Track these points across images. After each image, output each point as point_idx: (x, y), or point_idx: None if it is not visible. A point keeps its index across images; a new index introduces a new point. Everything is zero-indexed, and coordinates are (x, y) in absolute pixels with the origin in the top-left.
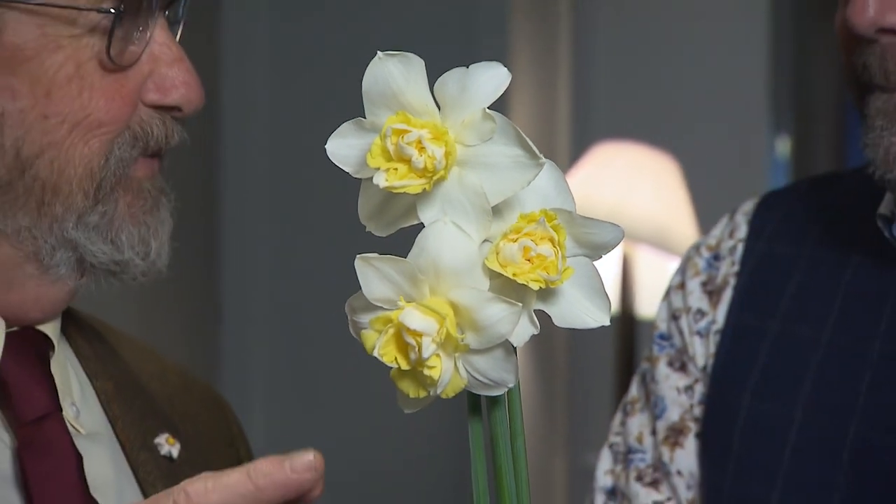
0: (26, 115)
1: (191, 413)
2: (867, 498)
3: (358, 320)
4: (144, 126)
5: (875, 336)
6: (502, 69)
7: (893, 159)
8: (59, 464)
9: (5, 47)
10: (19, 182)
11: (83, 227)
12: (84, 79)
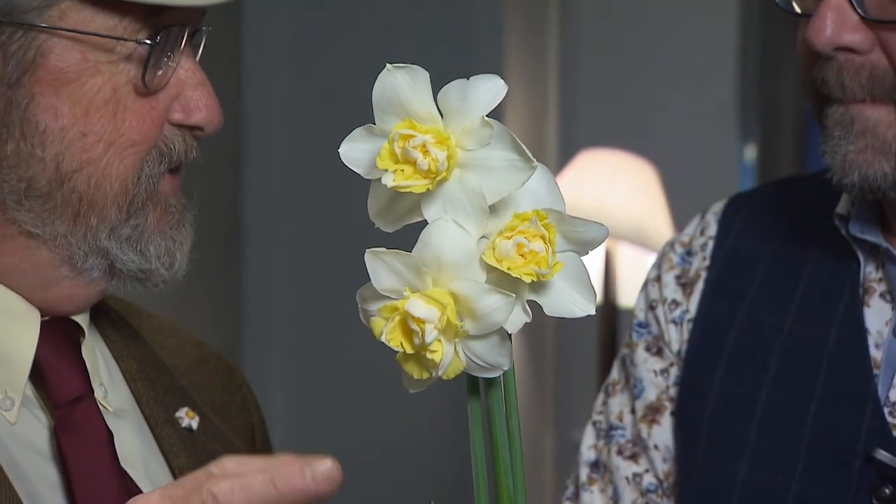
0: (67, 132)
1: (206, 383)
2: (825, 469)
3: (367, 308)
4: (168, 143)
5: (832, 324)
6: (499, 81)
7: (849, 165)
8: (92, 441)
9: (50, 70)
10: (58, 193)
11: (115, 238)
12: (119, 101)
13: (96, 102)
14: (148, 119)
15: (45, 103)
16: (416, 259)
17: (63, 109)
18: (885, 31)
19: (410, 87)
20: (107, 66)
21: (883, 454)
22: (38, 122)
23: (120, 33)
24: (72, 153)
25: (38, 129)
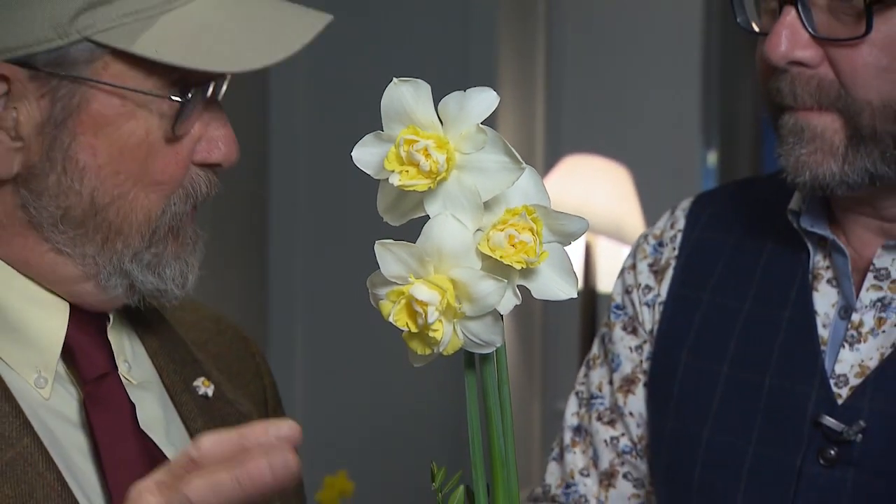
0: (102, 169)
1: (223, 353)
2: (778, 433)
3: (377, 293)
4: (194, 185)
5: (785, 307)
6: (492, 93)
7: (801, 166)
8: (116, 412)
9: (91, 115)
10: (91, 221)
11: (137, 262)
12: (150, 145)
13: (129, 144)
14: (173, 163)
15: (85, 143)
16: (420, 249)
17: (100, 149)
18: (832, 48)
19: (414, 98)
20: (142, 114)
21: (829, 420)
22: (78, 160)
23: (153, 88)
24: (105, 188)
25: (78, 165)
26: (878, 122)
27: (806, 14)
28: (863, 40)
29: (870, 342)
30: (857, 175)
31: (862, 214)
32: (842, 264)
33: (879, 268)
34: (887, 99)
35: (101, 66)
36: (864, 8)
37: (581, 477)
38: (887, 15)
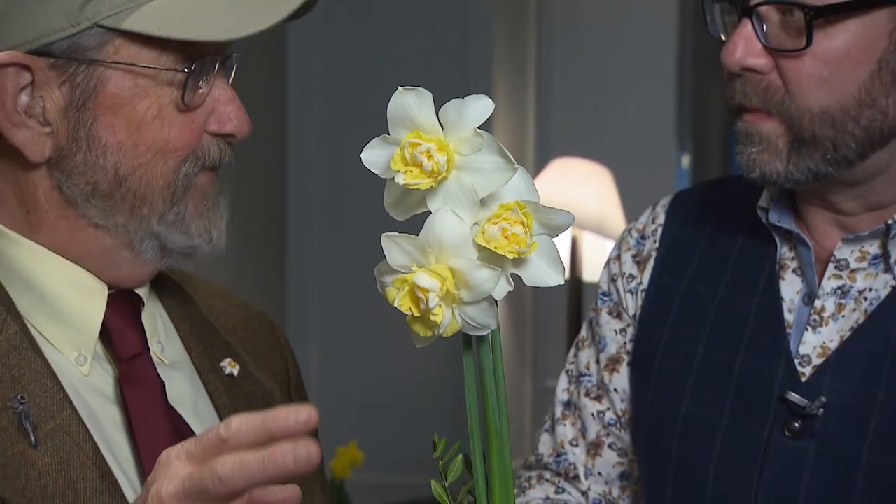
0: (123, 144)
1: (249, 338)
2: (749, 406)
3: (383, 280)
4: (204, 150)
5: (755, 293)
6: (488, 100)
7: (752, 164)
8: (148, 389)
9: (108, 96)
10: (117, 192)
11: (163, 223)
12: (164, 118)
13: (146, 119)
14: (188, 130)
15: (106, 122)
16: (422, 241)
17: (119, 126)
18: (781, 58)
19: (417, 105)
20: (153, 89)
21: (793, 396)
22: (101, 138)
23: (162, 64)
24: (127, 161)
25: (101, 142)
26: (818, 127)
27: (760, 27)
28: (807, 52)
29: (831, 326)
30: (800, 173)
31: (821, 209)
32: (806, 256)
33: (839, 259)
34: (826, 107)
35: (112, 49)
36: (805, 24)
37: (570, 447)
38: (828, 31)
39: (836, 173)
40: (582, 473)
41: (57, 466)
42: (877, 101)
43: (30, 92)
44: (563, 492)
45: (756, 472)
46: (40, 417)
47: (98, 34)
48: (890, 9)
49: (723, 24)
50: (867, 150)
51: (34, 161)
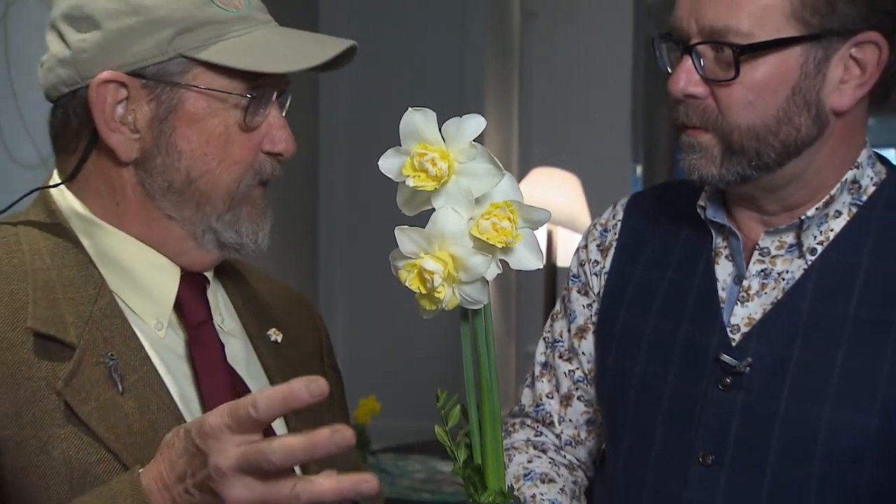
0: (194, 152)
1: (290, 313)
2: (690, 366)
3: (396, 265)
4: (261, 166)
5: (695, 276)
6: (481, 119)
7: (692, 169)
8: (211, 350)
9: (185, 112)
10: (187, 190)
11: (221, 221)
12: (229, 134)
13: (214, 134)
14: (247, 147)
15: (182, 133)
16: (428, 233)
17: (193, 138)
18: (715, 87)
19: (423, 122)
20: (222, 110)
21: (725, 357)
22: (177, 145)
23: (231, 90)
24: (197, 166)
25: (177, 149)
26: (745, 140)
27: (698, 62)
28: (736, 82)
29: (755, 301)
30: (731, 176)
31: (748, 209)
32: (735, 245)
33: (762, 247)
34: (751, 124)
35: (192, 75)
36: (733, 59)
37: (547, 399)
38: (752, 64)
39: (759, 177)
40: (556, 420)
41: (140, 410)
42: (792, 119)
43: (125, 105)
44: (541, 435)
45: (696, 419)
46: (126, 371)
47: (181, 62)
48: (801, 46)
49: (669, 60)
50: (784, 159)
51: (124, 160)
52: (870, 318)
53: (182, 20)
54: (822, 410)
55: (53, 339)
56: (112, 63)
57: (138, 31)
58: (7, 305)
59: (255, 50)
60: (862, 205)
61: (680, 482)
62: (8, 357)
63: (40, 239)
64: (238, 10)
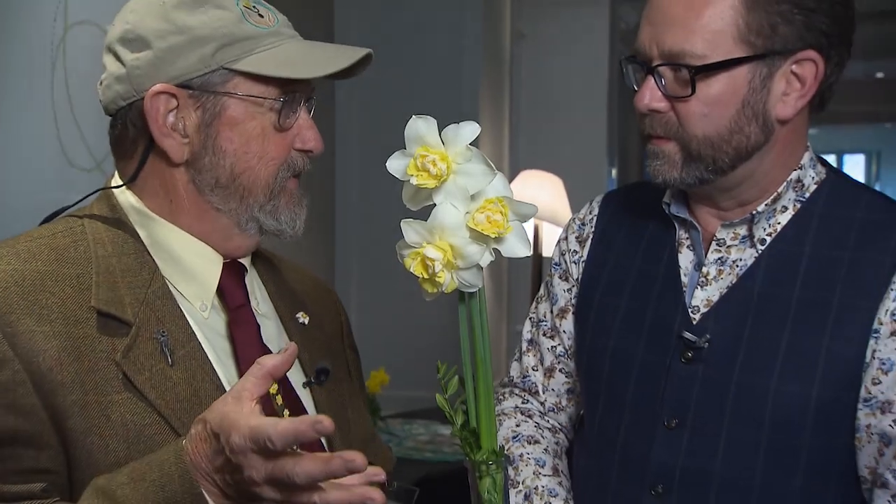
0: (237, 152)
1: (315, 299)
2: (656, 342)
3: (402, 253)
4: (293, 161)
5: (661, 264)
6: (476, 125)
7: (657, 173)
8: (248, 329)
9: (227, 117)
10: (232, 185)
11: (262, 211)
12: (266, 135)
13: (253, 135)
14: (281, 145)
15: (225, 136)
16: (430, 225)
17: (234, 139)
18: (675, 102)
19: (426, 128)
20: (259, 114)
21: (687, 334)
22: (222, 146)
23: (266, 95)
24: (239, 164)
25: (222, 150)
26: (702, 148)
27: (659, 81)
28: (692, 97)
29: (713, 285)
30: (691, 179)
31: (706, 205)
32: (696, 236)
33: (719, 238)
34: (707, 134)
35: (232, 85)
36: (689, 78)
37: (533, 371)
38: (707, 82)
39: (715, 179)
40: (540, 389)
41: (186, 380)
42: (742, 128)
43: (175, 113)
44: (528, 402)
45: (661, 388)
46: (175, 346)
47: (222, 74)
48: (748, 65)
49: (634, 79)
50: (737, 162)
51: (176, 161)
52: (811, 300)
53: (222, 37)
54: (770, 381)
55: (113, 318)
56: (163, 77)
57: (184, 48)
58: (74, 287)
59: (285, 60)
60: (805, 201)
61: (647, 443)
62: (74, 332)
63: (103, 230)
64: (268, 26)
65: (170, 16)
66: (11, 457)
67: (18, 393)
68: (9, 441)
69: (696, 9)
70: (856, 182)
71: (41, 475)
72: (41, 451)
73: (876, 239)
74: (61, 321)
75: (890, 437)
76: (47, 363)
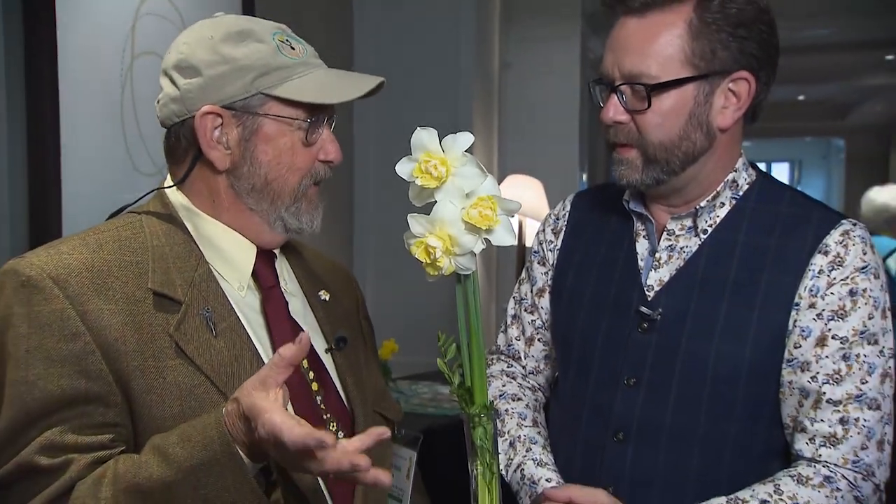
0: (270, 162)
1: (335, 279)
2: (618, 315)
3: (409, 241)
4: (316, 171)
5: (622, 251)
6: (470, 135)
7: (621, 176)
8: (279, 306)
9: (263, 134)
10: (265, 190)
11: (287, 212)
12: (294, 149)
13: (284, 149)
14: (307, 157)
15: (261, 149)
16: (432, 218)
17: (269, 152)
18: (634, 114)
19: (428, 137)
20: (289, 132)
21: (644, 309)
22: (258, 158)
23: (295, 116)
24: (272, 172)
25: (258, 160)
26: (658, 153)
27: (621, 97)
28: (649, 110)
29: (664, 268)
30: (649, 180)
31: (660, 203)
32: (650, 228)
33: (669, 229)
34: (662, 141)
35: (268, 107)
36: (646, 94)
37: (516, 341)
38: (660, 97)
39: (668, 179)
40: (522, 356)
41: (227, 348)
42: (689, 136)
43: (220, 129)
44: (512, 367)
45: (622, 353)
46: (218, 320)
47: (260, 98)
48: (693, 83)
49: (600, 97)
50: (686, 165)
51: (220, 169)
52: (745, 279)
53: (260, 67)
54: (711, 345)
55: (166, 297)
56: (210, 100)
57: (229, 77)
58: (133, 272)
59: (312, 88)
60: (739, 198)
61: (610, 398)
62: (134, 309)
63: (157, 224)
64: (299, 57)
65: (217, 48)
66: (85, 413)
67: (89, 361)
68: (83, 400)
69: (650, 38)
70: (780, 182)
71: (110, 428)
72: (109, 408)
73: (796, 229)
74: (124, 301)
75: (808, 391)
76: (113, 335)
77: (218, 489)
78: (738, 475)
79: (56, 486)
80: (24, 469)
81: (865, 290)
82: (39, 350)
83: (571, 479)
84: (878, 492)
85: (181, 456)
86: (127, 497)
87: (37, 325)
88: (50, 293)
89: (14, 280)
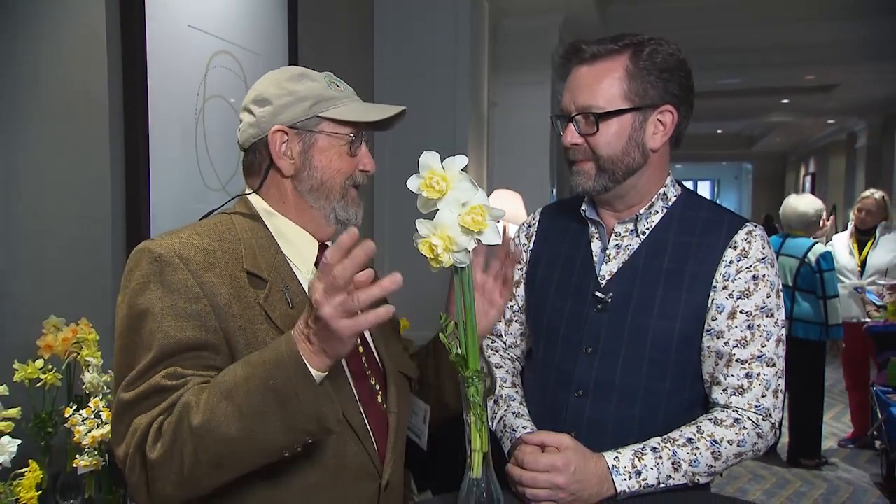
0: (324, 168)
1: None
2: (578, 299)
3: (416, 241)
4: (355, 177)
5: (580, 250)
6: (465, 158)
7: (578, 185)
8: None
9: (318, 147)
10: (321, 189)
11: (338, 205)
12: (341, 158)
13: (334, 157)
14: (350, 165)
15: (317, 158)
16: (435, 223)
17: (322, 160)
18: (587, 137)
19: (432, 159)
20: (338, 145)
21: (598, 293)
22: (315, 165)
23: (343, 132)
24: (325, 176)
25: (315, 167)
26: (606, 165)
27: (576, 125)
28: (598, 134)
29: (613, 262)
30: (600, 186)
31: (607, 209)
32: (601, 231)
33: (617, 231)
34: (610, 156)
35: (321, 126)
36: (595, 122)
37: (498, 322)
38: (607, 123)
39: (614, 187)
40: (503, 333)
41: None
42: (630, 153)
43: (286, 144)
44: (495, 342)
45: (582, 328)
46: (293, 295)
47: (316, 120)
48: (630, 113)
49: (560, 126)
50: (628, 176)
51: (287, 174)
52: (675, 269)
53: (315, 97)
54: (651, 320)
55: (256, 276)
56: (279, 122)
57: (292, 104)
58: (232, 255)
59: (354, 112)
60: (669, 207)
61: (572, 364)
62: (235, 283)
63: (244, 221)
64: (343, 92)
65: (283, 85)
66: (200, 357)
67: (207, 318)
68: (201, 347)
69: (597, 80)
70: (699, 195)
71: (216, 370)
72: (218, 355)
73: (712, 230)
74: (227, 276)
75: (722, 353)
76: (222, 301)
77: (284, 379)
78: (670, 420)
79: (177, 393)
80: (155, 388)
81: (765, 276)
82: (172, 308)
83: (542, 427)
84: (773, 429)
85: (256, 358)
86: (216, 394)
87: (168, 289)
88: (177, 266)
89: (149, 256)
